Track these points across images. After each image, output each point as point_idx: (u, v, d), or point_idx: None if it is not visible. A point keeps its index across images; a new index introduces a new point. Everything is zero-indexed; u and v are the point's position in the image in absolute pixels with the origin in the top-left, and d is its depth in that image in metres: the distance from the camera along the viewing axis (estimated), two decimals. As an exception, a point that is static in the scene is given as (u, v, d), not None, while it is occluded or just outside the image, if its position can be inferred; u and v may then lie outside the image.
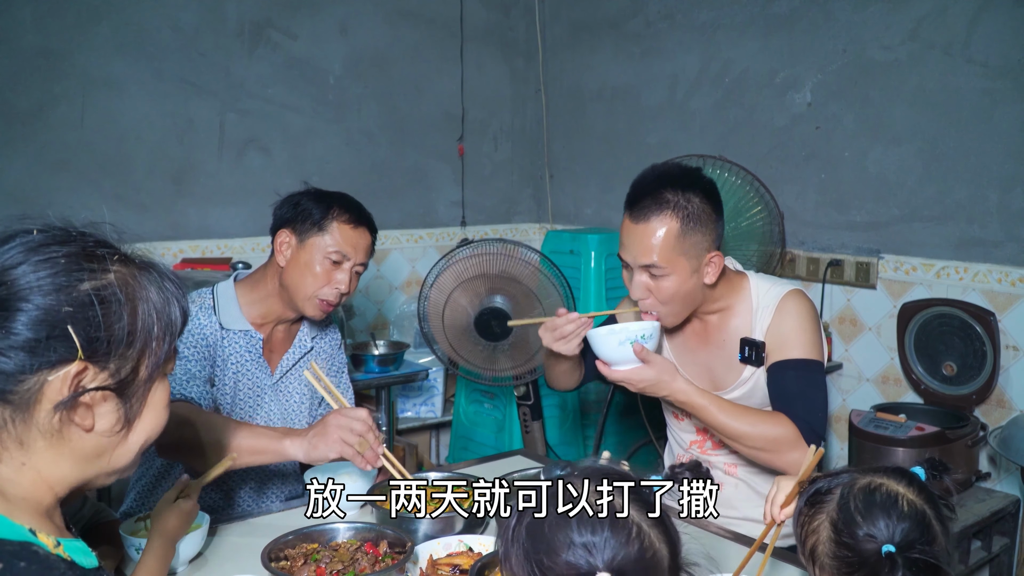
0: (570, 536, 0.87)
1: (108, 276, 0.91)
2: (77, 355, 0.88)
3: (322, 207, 1.90)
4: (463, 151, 4.03)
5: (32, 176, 3.05)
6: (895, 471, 1.06)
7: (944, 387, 2.70)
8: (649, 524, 0.90)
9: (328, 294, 1.90)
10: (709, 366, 1.89)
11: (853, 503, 1.02)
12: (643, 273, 1.76)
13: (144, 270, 0.96)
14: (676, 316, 1.81)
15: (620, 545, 0.87)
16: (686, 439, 1.99)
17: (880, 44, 2.86)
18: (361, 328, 3.76)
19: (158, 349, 0.95)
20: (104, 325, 0.89)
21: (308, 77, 3.58)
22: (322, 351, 2.11)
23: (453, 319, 2.66)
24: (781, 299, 1.81)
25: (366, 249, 1.95)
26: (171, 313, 0.97)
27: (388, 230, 3.84)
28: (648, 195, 1.74)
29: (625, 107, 3.80)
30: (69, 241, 0.92)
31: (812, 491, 1.09)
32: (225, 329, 1.92)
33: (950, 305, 2.65)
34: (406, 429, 3.64)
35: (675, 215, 1.71)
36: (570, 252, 3.42)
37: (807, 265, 3.10)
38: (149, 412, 0.97)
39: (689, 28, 3.49)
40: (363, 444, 1.66)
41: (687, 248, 1.73)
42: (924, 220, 2.80)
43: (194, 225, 3.38)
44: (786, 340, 1.79)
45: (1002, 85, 2.59)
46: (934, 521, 1.01)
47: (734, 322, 1.86)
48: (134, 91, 3.21)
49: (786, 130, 3.15)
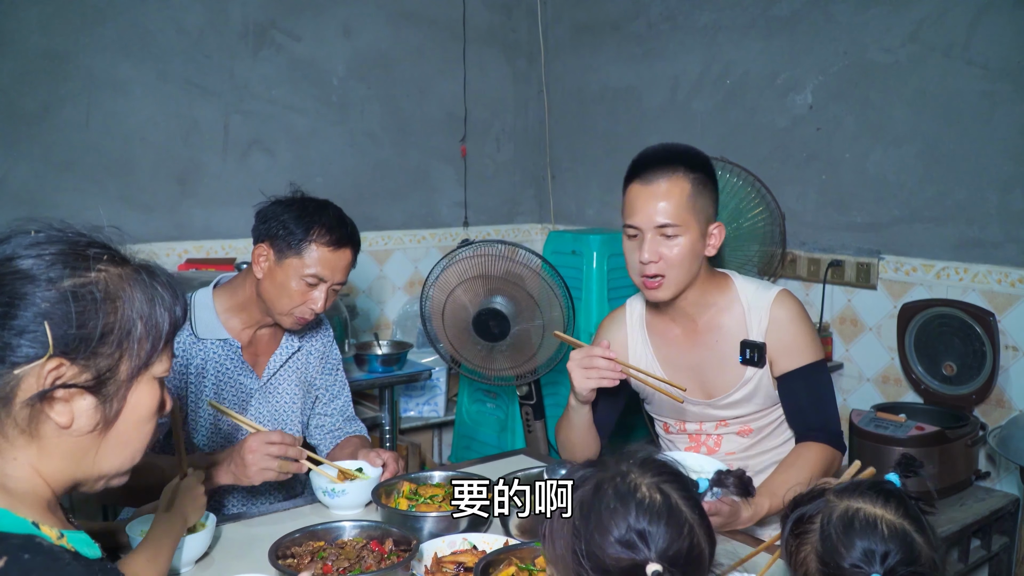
0: (627, 520, 0.91)
1: (90, 275, 0.93)
2: (48, 350, 0.89)
3: (302, 227, 1.86)
4: (465, 152, 4.05)
5: (37, 177, 3.07)
6: (871, 489, 1.06)
7: (944, 387, 2.71)
8: (698, 523, 0.94)
9: (302, 312, 1.90)
10: (700, 367, 1.90)
11: (835, 534, 1.01)
12: (656, 235, 1.77)
13: (136, 272, 0.98)
14: (677, 285, 1.81)
15: (673, 539, 0.91)
16: (680, 447, 2.00)
17: (881, 46, 2.87)
18: (364, 328, 3.78)
19: (139, 350, 0.95)
20: (78, 322, 0.90)
21: (312, 78, 3.60)
22: (312, 350, 2.11)
23: (454, 318, 2.68)
24: (773, 301, 1.84)
25: (344, 269, 1.93)
26: (156, 315, 0.97)
27: (391, 230, 3.86)
28: (658, 160, 1.79)
29: (627, 108, 3.81)
30: (61, 240, 0.94)
31: (794, 519, 1.09)
32: (200, 339, 1.92)
33: (950, 306, 2.67)
34: (409, 429, 3.66)
35: (686, 177, 1.77)
36: (572, 253, 3.43)
37: (808, 266, 3.12)
38: (130, 413, 0.97)
39: (690, 30, 3.50)
40: (284, 464, 1.71)
41: (698, 210, 1.77)
42: (924, 221, 2.82)
43: (198, 226, 3.40)
44: (789, 348, 1.83)
45: (1002, 87, 2.60)
46: (916, 535, 1.00)
47: (724, 322, 1.87)
48: (139, 92, 3.23)
49: (787, 131, 3.17)
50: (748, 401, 1.88)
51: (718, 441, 1.95)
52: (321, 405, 2.15)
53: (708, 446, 1.95)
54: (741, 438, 1.93)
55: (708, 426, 1.95)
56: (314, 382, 2.12)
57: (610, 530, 0.91)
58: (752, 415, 1.91)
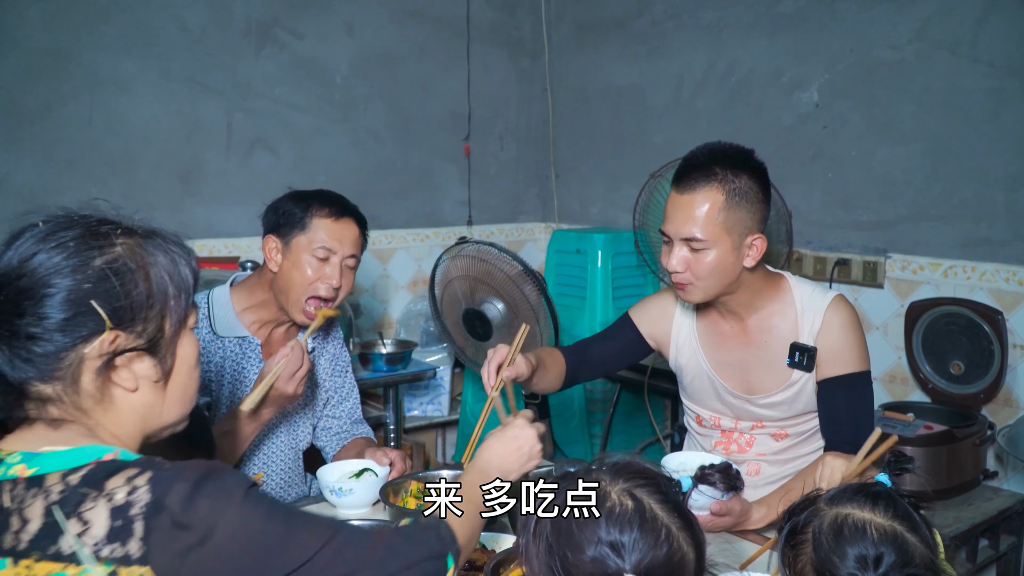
0: (597, 533, 0.86)
1: (116, 249, 0.99)
2: (106, 325, 0.95)
3: (302, 206, 1.90)
4: (469, 150, 4.04)
5: (40, 175, 3.06)
6: (859, 493, 1.05)
7: (951, 386, 2.70)
8: (678, 526, 0.89)
9: (320, 290, 1.88)
10: (747, 367, 1.86)
11: (826, 543, 1.00)
12: (683, 246, 1.73)
13: (148, 238, 1.03)
14: (706, 292, 1.77)
15: (649, 547, 0.86)
16: (710, 442, 1.98)
17: (887, 44, 2.86)
18: (368, 327, 3.77)
19: (176, 306, 1.02)
20: (124, 294, 0.97)
21: (315, 77, 3.59)
22: (324, 351, 2.11)
23: (450, 311, 2.70)
24: (828, 306, 1.79)
25: (353, 241, 1.93)
26: (181, 272, 1.04)
27: (394, 229, 3.85)
28: (697, 168, 1.72)
29: (631, 107, 3.80)
30: (73, 225, 0.99)
31: (788, 529, 1.08)
32: (219, 337, 1.92)
33: (957, 304, 2.66)
34: (413, 428, 3.65)
35: (721, 188, 1.69)
36: (576, 251, 3.43)
37: (814, 264, 3.11)
38: (181, 364, 1.05)
39: (695, 28, 3.49)
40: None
41: (731, 224, 1.70)
42: (931, 219, 2.80)
43: (201, 224, 3.39)
44: (836, 354, 1.78)
45: (1009, 84, 2.59)
46: (908, 535, 0.99)
47: (777, 324, 1.83)
48: (141, 91, 3.22)
49: (793, 130, 3.15)
50: (789, 404, 1.84)
51: (750, 441, 1.91)
52: (330, 407, 2.14)
53: (739, 444, 1.92)
54: (775, 441, 1.90)
55: (744, 424, 1.91)
56: (324, 384, 2.12)
57: (582, 545, 0.86)
58: (791, 420, 1.87)
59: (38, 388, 0.95)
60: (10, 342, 0.94)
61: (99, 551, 0.87)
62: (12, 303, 0.94)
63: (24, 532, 0.89)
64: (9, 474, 0.93)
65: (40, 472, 0.92)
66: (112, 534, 0.88)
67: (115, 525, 0.88)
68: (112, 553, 0.87)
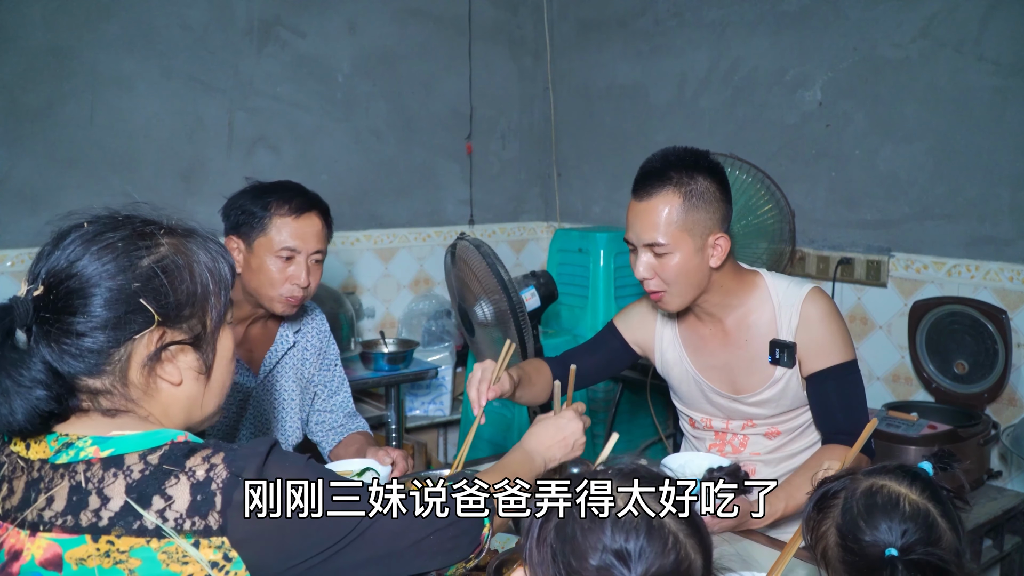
0: (602, 540, 0.82)
1: (162, 249, 1.03)
2: (154, 321, 1.00)
3: (260, 205, 1.83)
4: (471, 149, 4.03)
5: (41, 174, 3.05)
6: (899, 470, 1.04)
7: (955, 385, 2.69)
8: (686, 533, 0.85)
9: (289, 291, 1.85)
10: (731, 367, 1.87)
11: (856, 507, 1.00)
12: (648, 252, 1.75)
13: (188, 236, 1.08)
14: (682, 298, 1.78)
15: (656, 555, 0.82)
16: (705, 445, 1.98)
17: (891, 42, 2.85)
18: (370, 326, 3.76)
19: (217, 302, 1.07)
20: (171, 291, 1.01)
21: (317, 75, 3.58)
22: (309, 345, 2.07)
23: (454, 308, 2.70)
24: (804, 299, 1.79)
25: (317, 236, 1.87)
26: (221, 269, 1.08)
27: (396, 228, 3.84)
28: (653, 174, 1.73)
29: (634, 105, 3.79)
30: (119, 226, 1.03)
31: (819, 495, 1.07)
32: None
33: (961, 303, 2.64)
34: (415, 427, 3.64)
35: (677, 191, 1.71)
36: (579, 251, 3.42)
37: (817, 263, 3.10)
38: (221, 358, 1.10)
39: (698, 26, 3.48)
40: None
41: (691, 226, 1.71)
42: (935, 218, 2.79)
43: (202, 223, 3.37)
44: (819, 347, 1.78)
45: (1013, 83, 2.58)
46: (939, 519, 0.99)
47: (755, 322, 1.83)
48: (143, 89, 3.21)
49: (796, 128, 3.14)
50: (777, 401, 1.84)
51: (744, 441, 1.92)
52: (320, 401, 2.11)
53: (733, 445, 1.92)
54: (768, 440, 1.90)
55: (735, 424, 1.92)
56: (312, 378, 2.09)
57: (587, 552, 0.82)
58: (780, 416, 1.87)
59: (87, 382, 0.99)
60: (60, 339, 0.97)
61: (181, 525, 0.93)
62: (63, 302, 0.97)
63: (104, 510, 0.93)
64: (82, 456, 0.97)
65: (117, 453, 0.97)
66: (192, 508, 0.94)
67: (196, 499, 0.94)
68: (193, 526, 0.93)
